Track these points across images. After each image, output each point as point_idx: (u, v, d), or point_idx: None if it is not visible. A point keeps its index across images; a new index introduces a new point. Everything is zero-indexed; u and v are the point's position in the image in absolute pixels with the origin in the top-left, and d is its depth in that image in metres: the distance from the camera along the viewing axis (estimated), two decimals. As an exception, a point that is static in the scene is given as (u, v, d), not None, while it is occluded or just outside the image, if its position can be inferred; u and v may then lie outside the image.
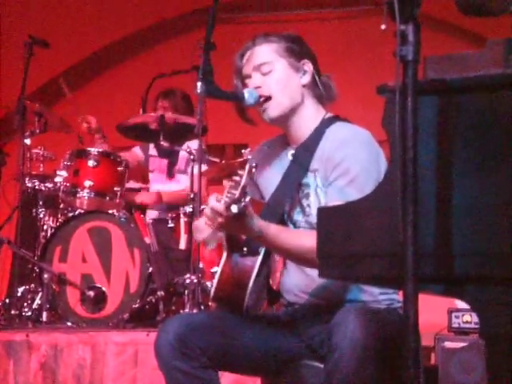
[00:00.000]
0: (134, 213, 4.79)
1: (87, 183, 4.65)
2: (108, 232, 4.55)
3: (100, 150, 4.74)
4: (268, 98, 2.42)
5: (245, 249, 2.37)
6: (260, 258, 2.37)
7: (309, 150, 2.41)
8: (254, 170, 2.19)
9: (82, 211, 4.65)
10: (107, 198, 4.70)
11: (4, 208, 4.84)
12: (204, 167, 4.50)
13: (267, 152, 2.61)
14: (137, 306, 4.40)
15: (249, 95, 2.41)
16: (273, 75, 2.43)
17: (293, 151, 2.49)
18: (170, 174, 5.15)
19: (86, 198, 4.67)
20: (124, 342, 3.79)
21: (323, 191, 2.36)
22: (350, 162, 2.29)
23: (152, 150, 5.28)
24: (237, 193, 2.11)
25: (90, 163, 4.66)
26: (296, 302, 2.48)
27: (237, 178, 2.15)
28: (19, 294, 4.59)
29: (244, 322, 2.40)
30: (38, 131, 4.82)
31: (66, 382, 3.73)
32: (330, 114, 2.51)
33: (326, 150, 2.37)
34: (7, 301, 4.62)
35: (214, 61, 2.44)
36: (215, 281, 2.41)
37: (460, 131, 1.66)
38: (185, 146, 4.63)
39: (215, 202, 2.17)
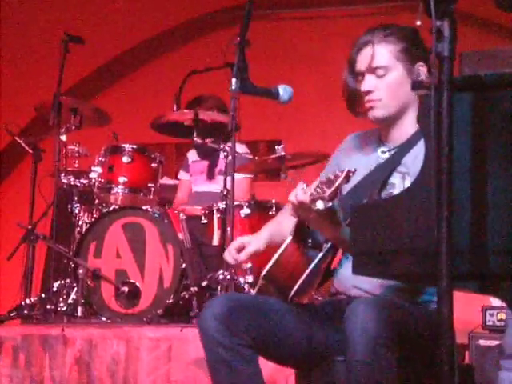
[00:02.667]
0: (167, 209, 4.81)
1: (121, 179, 4.69)
2: (142, 228, 4.57)
3: (134, 146, 4.77)
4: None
5: (309, 240, 2.38)
6: (321, 255, 2.36)
7: (403, 152, 2.41)
8: (351, 175, 2.18)
9: (117, 207, 4.68)
10: (141, 193, 4.74)
11: (40, 204, 4.88)
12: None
13: (356, 144, 2.61)
14: (170, 301, 4.42)
15: (283, 92, 2.41)
16: (387, 79, 2.44)
17: (384, 149, 2.50)
18: (211, 175, 5.16)
19: (121, 193, 4.71)
20: (158, 337, 3.81)
21: None
22: None
23: (193, 156, 5.29)
24: (328, 191, 2.11)
25: (125, 159, 4.70)
26: (344, 293, 2.48)
27: (331, 177, 2.16)
28: (54, 289, 4.64)
29: (288, 309, 2.40)
30: (73, 127, 4.86)
31: (100, 377, 3.76)
32: None
33: (420, 155, 2.32)
34: (43, 295, 4.67)
35: (248, 57, 2.44)
36: (272, 260, 2.41)
37: (495, 128, 1.65)
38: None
39: (302, 192, 2.20)
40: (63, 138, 4.83)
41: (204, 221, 4.61)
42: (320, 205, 2.10)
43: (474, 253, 1.64)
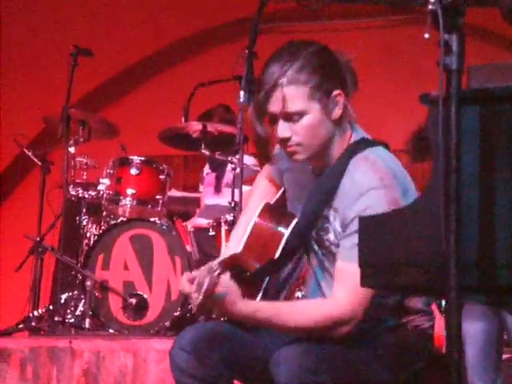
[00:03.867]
0: (175, 221, 4.82)
1: (129, 191, 4.70)
2: (150, 240, 4.58)
3: (142, 158, 4.79)
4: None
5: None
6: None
7: (332, 183, 2.25)
8: (216, 281, 2.10)
9: (124, 219, 4.69)
10: (149, 205, 4.75)
11: (48, 216, 4.90)
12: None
13: (290, 165, 2.44)
14: (178, 313, 4.42)
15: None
16: (303, 122, 2.22)
17: (315, 177, 2.34)
18: (218, 188, 5.14)
19: (129, 205, 4.73)
20: (165, 349, 3.79)
21: (338, 238, 2.22)
22: None
23: (206, 169, 5.28)
24: (199, 298, 2.09)
25: (133, 171, 4.71)
26: None
27: (201, 280, 2.10)
28: (62, 301, 4.65)
29: (254, 333, 2.36)
30: (81, 140, 4.88)
31: (107, 389, 3.76)
32: (357, 135, 2.30)
33: (346, 193, 2.21)
34: (51, 307, 4.67)
35: (256, 70, 2.45)
36: None
37: (503, 141, 1.65)
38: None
39: (187, 285, 2.19)
40: (72, 150, 4.85)
41: (212, 233, 4.62)
42: (195, 308, 2.13)
43: (481, 266, 1.63)
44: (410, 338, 2.25)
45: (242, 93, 2.39)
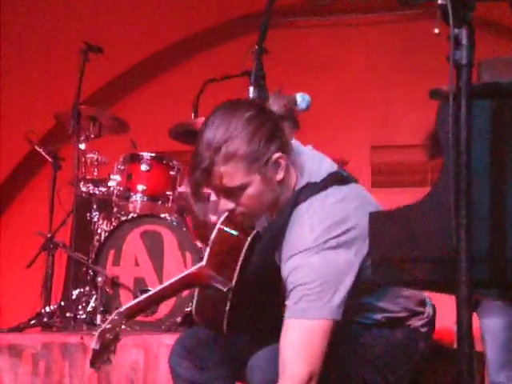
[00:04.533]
0: (185, 217, 4.82)
1: (140, 187, 4.70)
2: (160, 236, 4.58)
3: (153, 154, 4.79)
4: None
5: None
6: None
7: (277, 237, 2.15)
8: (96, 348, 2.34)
9: (135, 215, 4.70)
10: (159, 202, 4.76)
11: (59, 212, 4.91)
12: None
13: None
14: (189, 309, 4.42)
15: (301, 100, 2.41)
16: (246, 193, 2.11)
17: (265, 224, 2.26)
18: None
19: (139, 202, 4.73)
20: (176, 345, 3.81)
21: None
22: (302, 290, 2.04)
23: None
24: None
25: (143, 167, 4.72)
26: None
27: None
28: (74, 297, 4.66)
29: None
30: (92, 136, 4.89)
31: (119, 385, 3.77)
32: (302, 181, 2.18)
33: (284, 250, 2.14)
34: (62, 303, 4.69)
35: (265, 65, 2.45)
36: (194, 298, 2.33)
37: (514, 135, 1.65)
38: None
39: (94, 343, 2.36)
40: (82, 146, 4.86)
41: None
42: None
43: (492, 260, 1.63)
44: (396, 338, 2.20)
45: (251, 88, 2.39)
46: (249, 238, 2.24)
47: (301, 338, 2.00)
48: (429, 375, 2.26)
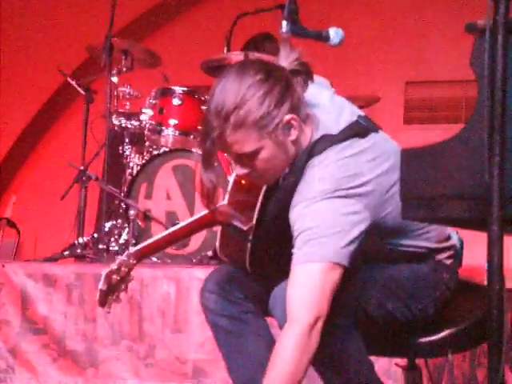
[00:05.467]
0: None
1: (172, 121, 4.71)
2: (192, 170, 4.60)
3: (185, 88, 4.78)
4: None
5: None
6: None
7: (291, 191, 2.13)
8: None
9: (167, 149, 4.71)
10: (191, 136, 4.76)
11: (92, 145, 4.94)
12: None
13: None
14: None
15: (334, 35, 2.38)
16: (259, 157, 2.09)
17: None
18: None
19: (171, 136, 4.74)
20: (207, 278, 3.85)
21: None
22: (307, 235, 2.04)
23: None
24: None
25: (175, 102, 4.71)
26: None
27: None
28: (106, 230, 4.71)
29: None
30: (124, 69, 4.88)
31: (151, 316, 3.82)
32: (317, 134, 2.14)
33: (292, 206, 2.11)
34: (95, 235, 4.75)
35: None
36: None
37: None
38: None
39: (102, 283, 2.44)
40: (114, 79, 4.85)
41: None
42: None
43: (525, 198, 1.62)
44: (419, 269, 2.20)
45: (284, 22, 2.36)
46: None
47: (305, 281, 2.00)
48: (456, 310, 2.27)
